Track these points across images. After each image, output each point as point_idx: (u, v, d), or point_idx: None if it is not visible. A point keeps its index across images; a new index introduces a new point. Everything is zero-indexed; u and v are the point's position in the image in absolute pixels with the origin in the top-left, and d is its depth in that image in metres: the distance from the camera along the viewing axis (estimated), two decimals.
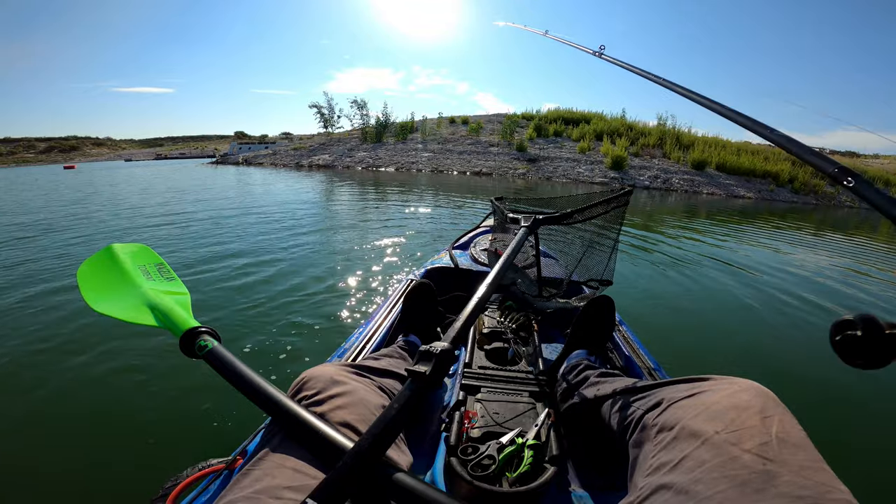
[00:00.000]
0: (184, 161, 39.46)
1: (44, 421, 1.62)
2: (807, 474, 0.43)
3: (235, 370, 0.59)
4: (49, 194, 10.06)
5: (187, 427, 1.56)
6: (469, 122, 23.46)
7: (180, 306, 0.76)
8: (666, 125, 20.18)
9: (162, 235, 4.80)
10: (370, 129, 22.92)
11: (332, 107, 26.16)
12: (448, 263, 1.79)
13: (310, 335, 2.25)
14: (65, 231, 5.07)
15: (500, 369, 1.07)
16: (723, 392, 0.57)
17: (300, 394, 0.63)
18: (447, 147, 19.21)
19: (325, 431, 0.51)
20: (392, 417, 0.47)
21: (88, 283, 0.85)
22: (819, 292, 3.48)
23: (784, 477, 0.43)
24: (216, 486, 0.66)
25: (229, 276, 3.21)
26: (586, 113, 22.67)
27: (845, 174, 0.60)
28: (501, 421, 0.86)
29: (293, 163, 19.91)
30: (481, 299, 0.69)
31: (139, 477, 1.31)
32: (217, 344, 0.64)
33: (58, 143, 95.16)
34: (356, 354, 1.11)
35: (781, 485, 0.42)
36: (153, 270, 0.91)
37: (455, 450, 0.76)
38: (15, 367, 1.97)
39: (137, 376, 1.87)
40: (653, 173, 15.17)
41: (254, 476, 0.48)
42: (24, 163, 66.76)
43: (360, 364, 0.79)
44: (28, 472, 1.37)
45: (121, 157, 67.80)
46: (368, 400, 0.64)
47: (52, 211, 6.91)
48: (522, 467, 0.73)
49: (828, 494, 0.41)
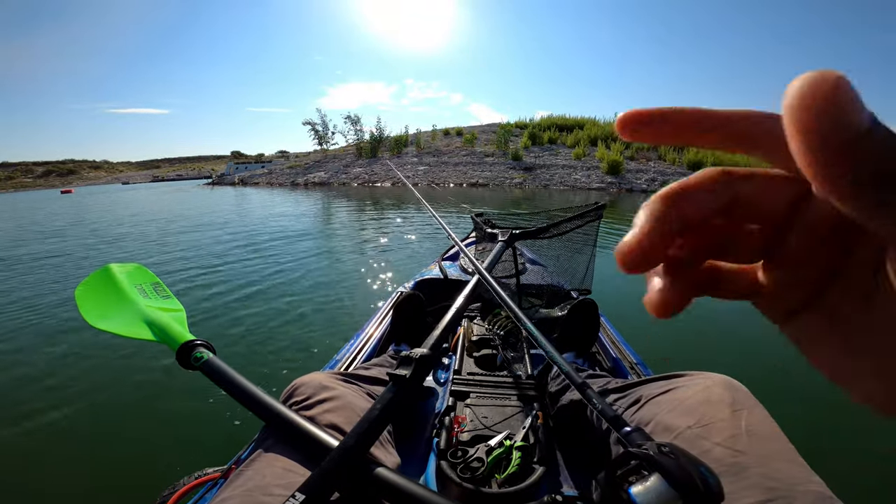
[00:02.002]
0: (180, 183, 39.64)
1: (44, 431, 1.64)
2: (777, 465, 0.44)
3: (230, 379, 0.62)
4: (48, 219, 10.09)
5: (184, 437, 1.58)
6: (463, 134, 23.66)
7: (176, 322, 0.79)
8: None
9: (158, 256, 4.83)
10: (365, 145, 23.11)
11: (325, 123, 26.38)
12: (438, 275, 1.81)
13: (302, 347, 2.28)
14: (63, 252, 5.09)
15: (490, 375, 1.09)
16: (696, 387, 0.59)
17: (291, 399, 0.65)
18: (442, 160, 19.35)
19: (313, 432, 0.54)
20: (375, 417, 0.50)
21: (87, 301, 0.87)
22: None
23: (753, 469, 0.44)
24: (212, 495, 0.68)
25: (223, 293, 3.24)
26: (579, 119, 22.92)
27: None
28: (490, 424, 0.88)
29: (289, 181, 20.02)
30: (458, 309, 0.72)
31: (137, 486, 1.33)
32: (212, 356, 0.67)
33: (55, 167, 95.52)
34: (347, 365, 1.13)
35: (752, 476, 0.44)
36: (149, 289, 0.94)
37: (445, 453, 0.78)
38: (15, 379, 2.00)
39: (135, 389, 1.90)
40: (650, 176, 15.26)
41: (246, 476, 0.50)
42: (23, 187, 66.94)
43: (349, 372, 0.81)
44: (29, 481, 1.39)
45: (118, 180, 68.09)
46: (356, 404, 0.66)
47: (50, 234, 6.94)
48: (511, 468, 0.74)
49: (798, 486, 0.42)
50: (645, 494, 0.38)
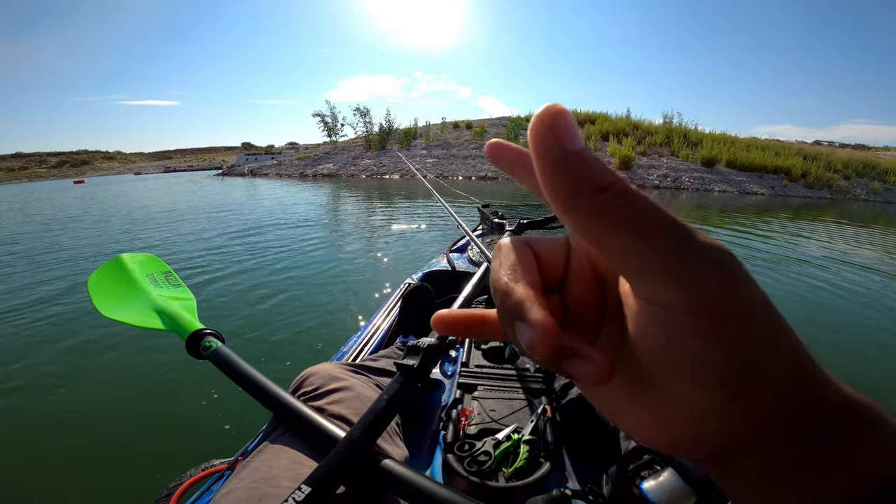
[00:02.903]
0: (191, 174, 39.99)
1: (52, 421, 1.67)
2: None
3: (238, 369, 0.62)
4: (61, 208, 10.25)
5: (191, 429, 1.60)
6: (473, 127, 23.53)
7: (187, 311, 0.79)
8: (672, 123, 20.09)
9: (170, 245, 4.89)
10: (374, 137, 23.09)
11: (335, 115, 26.42)
12: (445, 266, 1.81)
13: (310, 338, 2.29)
14: (74, 242, 5.18)
15: (497, 368, 1.09)
16: None
17: (300, 390, 0.65)
18: (451, 152, 19.29)
19: (321, 423, 0.53)
20: (382, 408, 0.49)
21: (99, 291, 0.88)
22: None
23: None
24: (219, 487, 0.68)
25: (234, 283, 3.27)
26: (591, 113, 22.65)
27: None
28: (498, 417, 0.87)
29: (297, 173, 20.12)
30: (466, 299, 0.71)
31: (144, 478, 1.35)
32: (221, 345, 0.67)
33: (69, 158, 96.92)
34: (355, 356, 1.13)
35: None
36: (160, 278, 0.94)
37: (452, 447, 0.77)
38: (26, 369, 2.03)
39: (143, 380, 1.92)
40: (662, 172, 15.07)
41: (253, 467, 0.50)
42: (37, 177, 68.09)
43: (358, 364, 0.81)
44: (36, 471, 1.41)
45: (130, 171, 68.97)
46: (365, 395, 0.66)
47: (63, 222, 7.06)
48: (518, 462, 0.74)
49: None
50: (658, 490, 0.36)
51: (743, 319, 0.12)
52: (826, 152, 19.34)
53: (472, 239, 1.06)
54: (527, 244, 0.17)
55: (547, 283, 0.17)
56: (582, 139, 0.13)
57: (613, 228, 0.13)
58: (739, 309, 0.12)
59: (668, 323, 0.13)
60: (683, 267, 0.12)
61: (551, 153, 0.13)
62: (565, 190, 0.13)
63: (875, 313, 2.92)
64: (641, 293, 0.14)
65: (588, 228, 0.13)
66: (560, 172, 0.13)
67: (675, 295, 0.12)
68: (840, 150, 24.42)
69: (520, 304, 0.14)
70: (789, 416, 0.13)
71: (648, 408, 0.15)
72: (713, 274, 0.12)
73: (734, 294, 0.12)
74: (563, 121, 0.12)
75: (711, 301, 0.12)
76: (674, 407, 0.14)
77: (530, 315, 0.13)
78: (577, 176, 0.12)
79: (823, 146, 31.87)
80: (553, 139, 0.12)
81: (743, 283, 0.12)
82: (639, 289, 0.14)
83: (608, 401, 0.16)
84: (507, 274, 0.15)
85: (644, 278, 0.13)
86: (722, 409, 0.13)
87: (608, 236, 0.13)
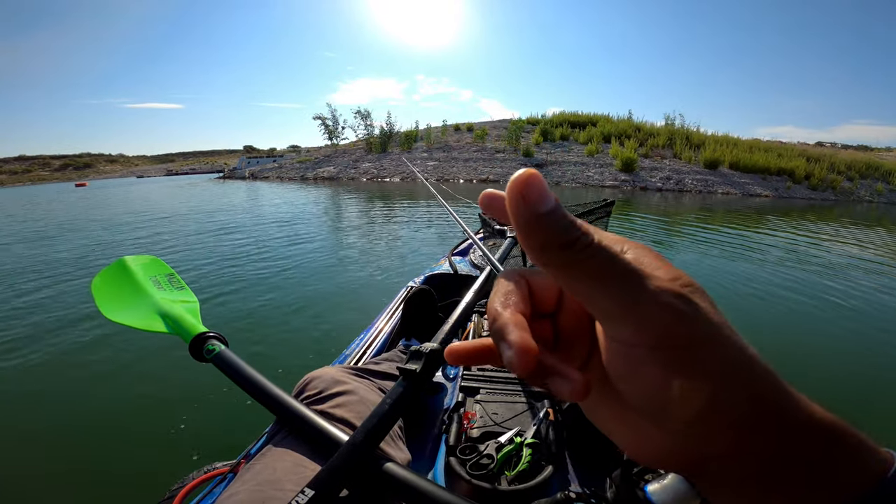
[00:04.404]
0: (193, 177, 40.12)
1: (55, 423, 1.67)
2: None
3: (241, 372, 0.62)
4: (63, 210, 10.29)
5: (193, 432, 1.60)
6: (474, 129, 23.54)
7: (190, 314, 0.79)
8: (674, 125, 20.09)
9: (172, 247, 4.90)
10: (375, 140, 23.11)
11: (336, 118, 26.43)
12: (448, 270, 1.81)
13: (313, 341, 2.29)
14: (76, 245, 5.20)
15: (500, 371, 1.08)
16: None
17: (304, 393, 0.65)
18: (452, 155, 19.30)
19: (324, 427, 0.53)
20: (385, 412, 0.49)
21: (102, 294, 0.88)
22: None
23: None
24: (221, 490, 0.68)
25: (237, 286, 3.28)
26: (592, 115, 22.67)
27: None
28: (500, 421, 0.87)
29: (298, 176, 20.16)
30: (469, 304, 0.71)
31: (146, 481, 1.35)
32: (224, 348, 0.67)
33: (72, 161, 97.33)
34: (358, 359, 1.13)
35: None
36: (164, 280, 0.94)
37: (454, 450, 0.77)
38: (28, 371, 2.04)
39: (145, 382, 1.92)
40: (664, 174, 15.04)
41: (256, 470, 0.50)
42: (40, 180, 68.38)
43: (361, 367, 0.81)
44: (39, 473, 1.42)
45: (133, 174, 69.26)
46: (368, 399, 0.66)
47: (63, 224, 7.08)
48: (521, 466, 0.73)
49: None
50: (662, 492, 0.36)
51: (694, 352, 0.14)
52: (829, 153, 19.27)
53: (475, 242, 1.06)
54: (522, 276, 0.19)
55: (541, 311, 0.19)
56: (552, 198, 0.15)
57: (579, 278, 0.15)
58: (690, 343, 0.14)
59: (627, 356, 0.15)
60: (638, 310, 0.14)
61: (523, 216, 0.14)
62: (537, 247, 0.15)
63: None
64: (607, 332, 0.16)
65: (559, 278, 0.15)
66: (531, 232, 0.15)
67: (631, 333, 0.14)
68: (842, 152, 24.34)
69: (503, 328, 0.15)
70: (753, 434, 0.14)
71: (630, 426, 0.18)
72: (665, 315, 0.14)
73: (684, 331, 0.14)
74: (533, 186, 0.14)
75: (662, 338, 0.14)
76: (648, 427, 0.16)
77: (510, 337, 0.15)
78: (545, 235, 0.14)
79: (826, 147, 31.75)
80: (524, 204, 0.14)
81: (693, 320, 0.14)
82: (605, 328, 0.16)
83: (600, 419, 0.19)
84: (498, 301, 0.17)
85: (608, 321, 0.15)
86: (682, 430, 0.15)
87: (575, 285, 0.15)
